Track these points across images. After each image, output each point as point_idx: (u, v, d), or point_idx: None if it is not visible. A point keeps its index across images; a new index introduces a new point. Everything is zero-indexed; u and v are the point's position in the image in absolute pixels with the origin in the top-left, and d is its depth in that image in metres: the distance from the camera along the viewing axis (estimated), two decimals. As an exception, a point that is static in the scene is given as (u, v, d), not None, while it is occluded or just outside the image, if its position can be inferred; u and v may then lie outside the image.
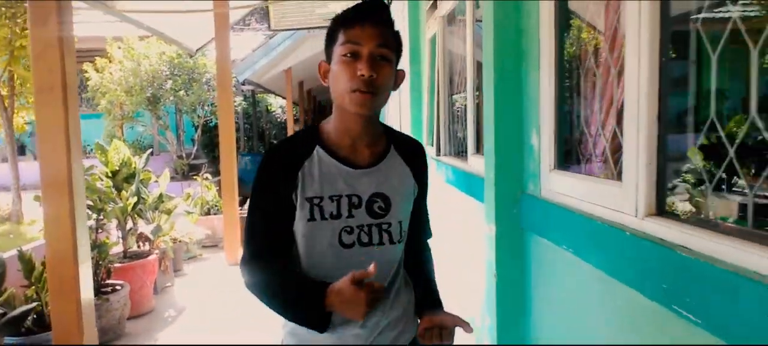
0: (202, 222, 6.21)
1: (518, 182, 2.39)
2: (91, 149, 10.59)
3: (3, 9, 4.92)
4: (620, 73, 1.63)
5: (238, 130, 13.22)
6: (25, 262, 2.95)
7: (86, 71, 9.85)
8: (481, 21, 2.66)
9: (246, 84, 11.60)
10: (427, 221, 1.48)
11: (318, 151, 1.26)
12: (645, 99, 1.42)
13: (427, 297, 1.39)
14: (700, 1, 1.46)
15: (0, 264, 2.62)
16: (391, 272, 1.31)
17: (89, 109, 11.35)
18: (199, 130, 11.49)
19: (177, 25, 6.06)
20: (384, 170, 1.29)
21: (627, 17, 1.48)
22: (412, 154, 1.35)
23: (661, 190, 1.43)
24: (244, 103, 14.97)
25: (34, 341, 2.90)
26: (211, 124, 12.07)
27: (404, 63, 5.93)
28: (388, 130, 1.37)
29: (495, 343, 2.43)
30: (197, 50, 7.31)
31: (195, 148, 11.64)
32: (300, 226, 1.25)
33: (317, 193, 1.23)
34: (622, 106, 1.57)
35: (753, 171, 1.56)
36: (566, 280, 1.98)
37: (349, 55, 1.18)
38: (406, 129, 5.88)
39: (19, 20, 4.99)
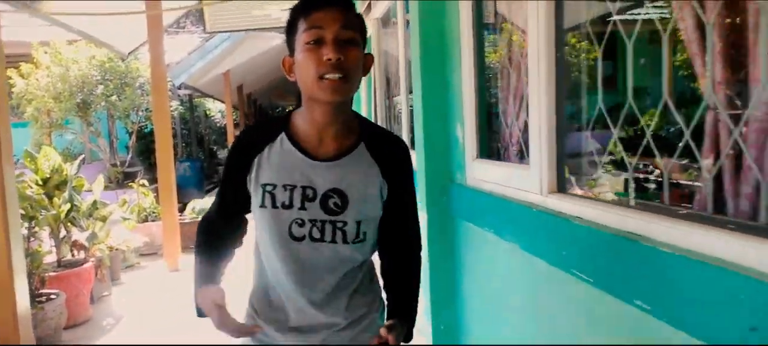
0: (139, 229, 6.08)
1: (446, 172, 2.57)
2: (18, 159, 10.04)
3: None
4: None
5: (175, 136, 12.91)
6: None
7: (11, 78, 9.37)
8: (409, 23, 2.83)
9: (182, 88, 11.36)
10: (411, 229, 1.34)
11: (281, 137, 1.22)
12: (545, 94, 1.61)
13: (403, 303, 1.31)
14: (624, 2, 1.66)
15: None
16: (346, 271, 1.25)
17: (15, 118, 10.75)
18: (133, 137, 11.14)
19: (108, 27, 5.91)
20: (346, 165, 1.20)
21: (528, 18, 1.68)
22: (387, 152, 1.24)
23: (561, 171, 1.63)
24: (180, 107, 14.62)
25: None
26: (146, 130, 11.73)
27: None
28: (365, 124, 1.27)
29: (430, 322, 2.59)
30: (129, 53, 7.15)
31: (129, 155, 11.28)
32: (254, 212, 1.24)
33: (271, 180, 1.21)
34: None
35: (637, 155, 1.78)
36: (489, 259, 2.17)
37: (312, 41, 1.12)
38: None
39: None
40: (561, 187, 1.63)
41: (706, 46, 1.17)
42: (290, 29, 1.18)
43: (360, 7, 5.28)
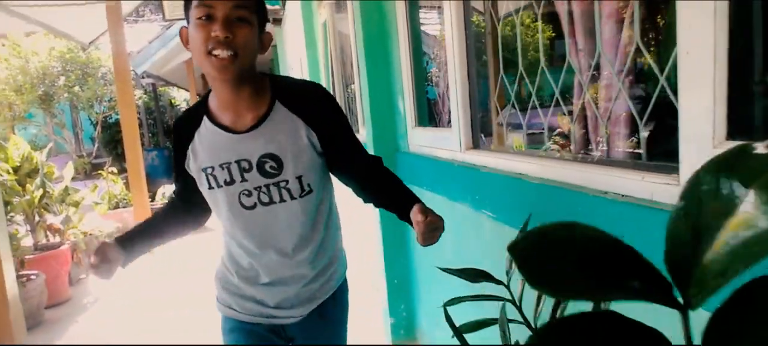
0: (111, 216, 6.25)
1: (393, 141, 2.88)
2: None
3: None
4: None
5: (141, 125, 12.90)
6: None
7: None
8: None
9: (145, 77, 11.37)
10: (359, 149, 1.35)
11: (204, 122, 1.27)
12: (459, 67, 1.93)
13: (400, 199, 1.31)
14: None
15: None
16: (299, 228, 1.29)
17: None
18: (98, 127, 11.14)
19: (66, 18, 5.99)
20: (269, 129, 1.24)
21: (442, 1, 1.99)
22: (302, 101, 1.27)
23: (475, 131, 1.96)
24: (145, 97, 14.57)
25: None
26: (111, 120, 11.73)
27: (300, 48, 6.29)
28: (276, 83, 1.29)
29: (383, 271, 2.91)
30: (90, 43, 7.21)
31: (96, 146, 11.28)
32: (206, 194, 1.31)
33: (208, 163, 1.26)
34: (450, 71, 2.08)
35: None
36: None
37: (203, 17, 1.13)
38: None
39: None
40: (476, 144, 1.96)
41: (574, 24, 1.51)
42: (187, 4, 1.18)
43: (316, -9, 5.51)
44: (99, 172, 7.01)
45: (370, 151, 2.96)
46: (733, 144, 0.56)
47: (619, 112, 1.34)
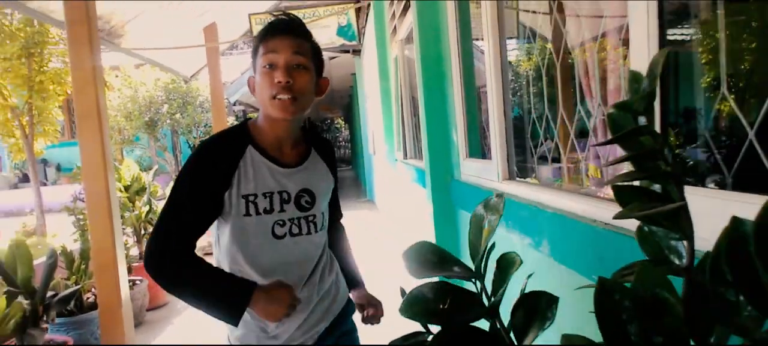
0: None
1: (448, 170, 3.16)
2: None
3: (21, 50, 5.65)
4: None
5: (231, 148, 13.90)
6: (67, 256, 3.67)
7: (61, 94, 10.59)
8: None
9: (237, 104, 12.33)
10: (339, 205, 1.68)
11: (250, 150, 1.34)
12: (496, 108, 2.19)
13: (352, 274, 1.63)
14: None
15: (52, 254, 3.32)
16: (319, 255, 1.46)
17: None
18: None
19: (171, 54, 6.81)
20: (308, 169, 1.42)
21: (484, 49, 2.26)
22: (329, 152, 1.51)
23: (511, 163, 2.20)
24: (235, 122, 15.75)
25: (80, 319, 3.62)
26: (205, 144, 12.79)
27: (374, 80, 6.71)
28: (309, 132, 1.49)
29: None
30: (191, 76, 8.05)
31: (192, 167, 12.35)
32: (234, 222, 1.32)
33: (252, 190, 1.32)
34: (491, 109, 2.34)
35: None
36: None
37: (267, 66, 1.28)
38: (380, 137, 6.63)
39: (36, 59, 5.73)
40: (511, 175, 2.19)
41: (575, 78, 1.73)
42: (254, 53, 1.33)
43: (388, 29, 5.93)
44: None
45: (427, 178, 3.24)
46: None
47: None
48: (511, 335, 0.56)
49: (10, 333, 2.87)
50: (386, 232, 6.98)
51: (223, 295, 1.28)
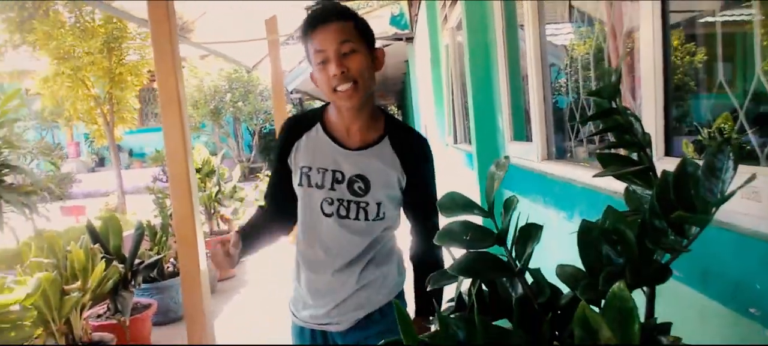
0: (264, 212, 7.40)
1: (494, 151, 3.34)
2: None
3: (102, 45, 6.22)
4: (534, 74, 2.57)
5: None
6: (150, 229, 4.13)
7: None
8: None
9: (294, 93, 12.81)
10: (428, 215, 1.45)
11: (317, 128, 1.41)
12: (536, 93, 2.37)
13: (418, 300, 1.45)
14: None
15: (139, 227, 3.77)
16: (364, 246, 1.41)
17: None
18: (256, 137, 12.83)
19: (234, 46, 7.25)
20: (370, 155, 1.38)
21: (525, 34, 2.44)
22: (406, 145, 1.41)
23: (550, 145, 2.38)
24: (293, 109, 16.34)
25: (162, 285, 4.08)
26: (265, 131, 13.41)
27: (426, 67, 6.90)
28: (391, 122, 1.44)
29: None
30: (253, 67, 8.51)
31: (253, 153, 12.98)
32: (297, 189, 1.42)
33: (307, 163, 1.39)
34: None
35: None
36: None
37: (320, 62, 1.29)
38: (431, 123, 6.84)
39: (116, 53, 6.30)
40: (550, 155, 2.37)
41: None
42: (305, 49, 1.36)
43: (439, 17, 6.10)
44: (257, 174, 8.25)
45: (475, 161, 3.44)
46: None
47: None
48: (514, 255, 0.80)
49: (106, 294, 3.31)
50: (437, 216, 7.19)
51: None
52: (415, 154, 1.42)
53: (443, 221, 0.93)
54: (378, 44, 1.50)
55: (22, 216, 4.40)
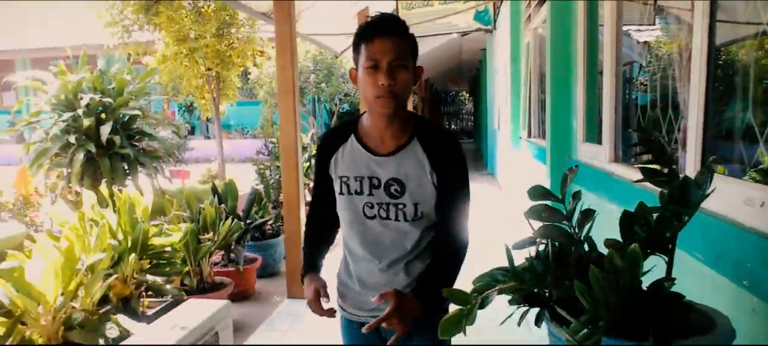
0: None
1: (566, 150, 3.71)
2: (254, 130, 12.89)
3: (216, 30, 7.01)
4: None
5: (364, 116, 15.18)
6: (258, 195, 4.81)
7: (249, 68, 12.18)
8: (548, 44, 3.97)
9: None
10: (455, 217, 1.46)
11: (352, 139, 1.49)
12: (609, 98, 2.74)
13: (427, 281, 1.47)
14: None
15: (253, 192, 4.42)
16: (406, 245, 1.47)
17: (249, 98, 13.89)
18: (334, 117, 13.55)
19: (324, 31, 7.85)
20: (402, 159, 1.44)
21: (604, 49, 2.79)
22: (435, 144, 1.44)
23: (617, 149, 2.75)
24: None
25: (263, 243, 4.75)
26: (342, 111, 14.13)
27: (504, 59, 7.20)
28: (420, 123, 1.49)
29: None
30: (341, 52, 9.10)
31: (330, 131, 13.76)
32: (337, 197, 1.52)
33: (345, 173, 1.48)
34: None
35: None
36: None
37: (371, 67, 1.35)
38: (506, 116, 7.16)
39: (226, 37, 7.09)
40: (617, 158, 2.74)
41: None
42: (355, 49, 1.41)
43: (523, 16, 6.39)
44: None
45: (548, 156, 3.81)
46: None
47: None
48: (576, 230, 1.25)
49: (227, 246, 3.99)
50: (506, 205, 7.53)
51: (303, 260, 1.65)
52: (444, 153, 1.44)
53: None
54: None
55: (147, 177, 5.17)
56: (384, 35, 1.35)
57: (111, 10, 6.96)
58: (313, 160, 6.22)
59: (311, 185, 6.45)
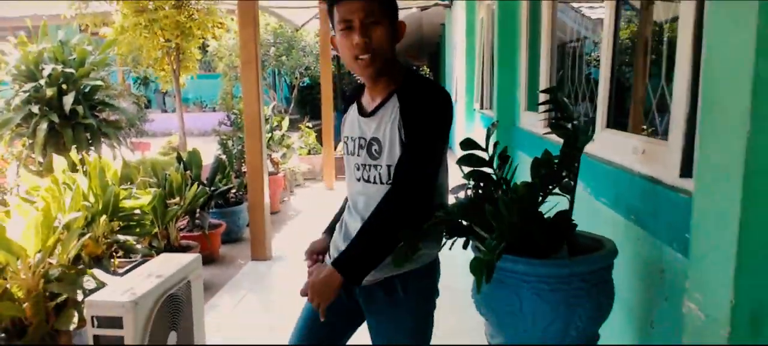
0: (303, 160, 8.22)
1: (511, 119, 4.04)
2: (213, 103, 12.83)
3: (176, 2, 7.04)
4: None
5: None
6: (220, 163, 4.98)
7: (207, 39, 12.08)
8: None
9: (334, 51, 13.47)
10: (404, 173, 1.33)
11: (357, 100, 1.51)
12: (545, 72, 3.05)
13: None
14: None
15: (216, 160, 4.58)
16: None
17: (208, 71, 13.76)
18: (295, 91, 13.62)
19: (285, 4, 7.95)
20: (381, 116, 1.39)
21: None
22: (410, 98, 1.36)
23: (550, 116, 3.07)
24: (334, 69, 17.07)
25: (227, 210, 4.94)
26: (302, 85, 14.20)
27: (461, 35, 7.50)
28: (408, 78, 1.42)
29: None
30: (302, 25, 9.21)
31: (291, 105, 13.80)
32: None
33: (346, 133, 1.51)
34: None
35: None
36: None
37: (344, 27, 1.33)
38: (462, 88, 7.49)
39: (186, 9, 7.13)
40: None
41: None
42: (330, 13, 1.38)
43: (477, -7, 6.67)
44: (298, 125, 9.04)
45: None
46: None
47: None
48: (496, 172, 1.53)
49: (192, 211, 4.17)
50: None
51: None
52: (416, 102, 1.35)
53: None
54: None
55: (109, 148, 5.25)
56: None
57: (67, -21, 6.89)
58: (274, 133, 6.39)
59: (273, 155, 6.64)
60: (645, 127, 2.00)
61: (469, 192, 1.61)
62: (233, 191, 5.15)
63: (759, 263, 0.91)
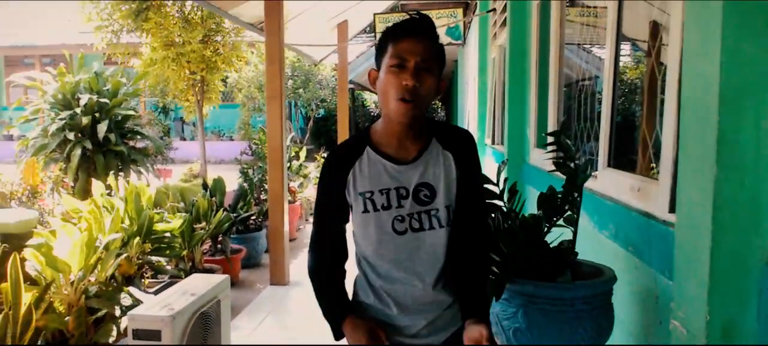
0: (320, 189, 8.44)
1: (521, 155, 4.22)
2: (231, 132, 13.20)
3: (203, 37, 7.40)
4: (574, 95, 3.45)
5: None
6: (243, 191, 5.21)
7: (226, 73, 12.50)
8: (508, 61, 4.49)
9: (350, 84, 13.86)
10: (477, 207, 1.42)
11: (368, 151, 1.39)
12: (552, 114, 3.25)
13: (472, 300, 1.39)
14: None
15: (240, 188, 4.80)
16: (439, 255, 1.38)
17: (226, 101, 14.20)
18: (311, 122, 13.96)
19: (304, 40, 8.29)
20: (427, 161, 1.37)
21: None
22: (454, 141, 1.40)
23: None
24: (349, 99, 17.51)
25: (247, 236, 5.14)
26: (317, 116, 14.55)
27: (473, 73, 7.75)
28: (432, 124, 1.44)
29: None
30: (320, 60, 9.55)
31: (306, 136, 14.14)
32: (357, 218, 1.39)
33: (368, 188, 1.37)
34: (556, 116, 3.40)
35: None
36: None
37: (396, 66, 1.28)
38: (474, 124, 7.71)
39: (213, 44, 7.51)
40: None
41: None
42: (380, 50, 1.35)
43: (489, 34, 6.94)
44: (314, 155, 9.30)
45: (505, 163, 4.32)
46: None
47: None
48: (506, 203, 1.72)
49: (215, 236, 4.38)
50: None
51: (326, 309, 1.47)
52: (464, 148, 1.41)
53: None
54: None
55: (136, 174, 5.50)
56: (415, 35, 1.30)
57: (101, 14, 7.27)
58: (291, 163, 6.63)
59: (290, 184, 6.87)
60: (654, 166, 2.12)
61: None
62: (253, 217, 5.37)
63: (727, 284, 1.09)
